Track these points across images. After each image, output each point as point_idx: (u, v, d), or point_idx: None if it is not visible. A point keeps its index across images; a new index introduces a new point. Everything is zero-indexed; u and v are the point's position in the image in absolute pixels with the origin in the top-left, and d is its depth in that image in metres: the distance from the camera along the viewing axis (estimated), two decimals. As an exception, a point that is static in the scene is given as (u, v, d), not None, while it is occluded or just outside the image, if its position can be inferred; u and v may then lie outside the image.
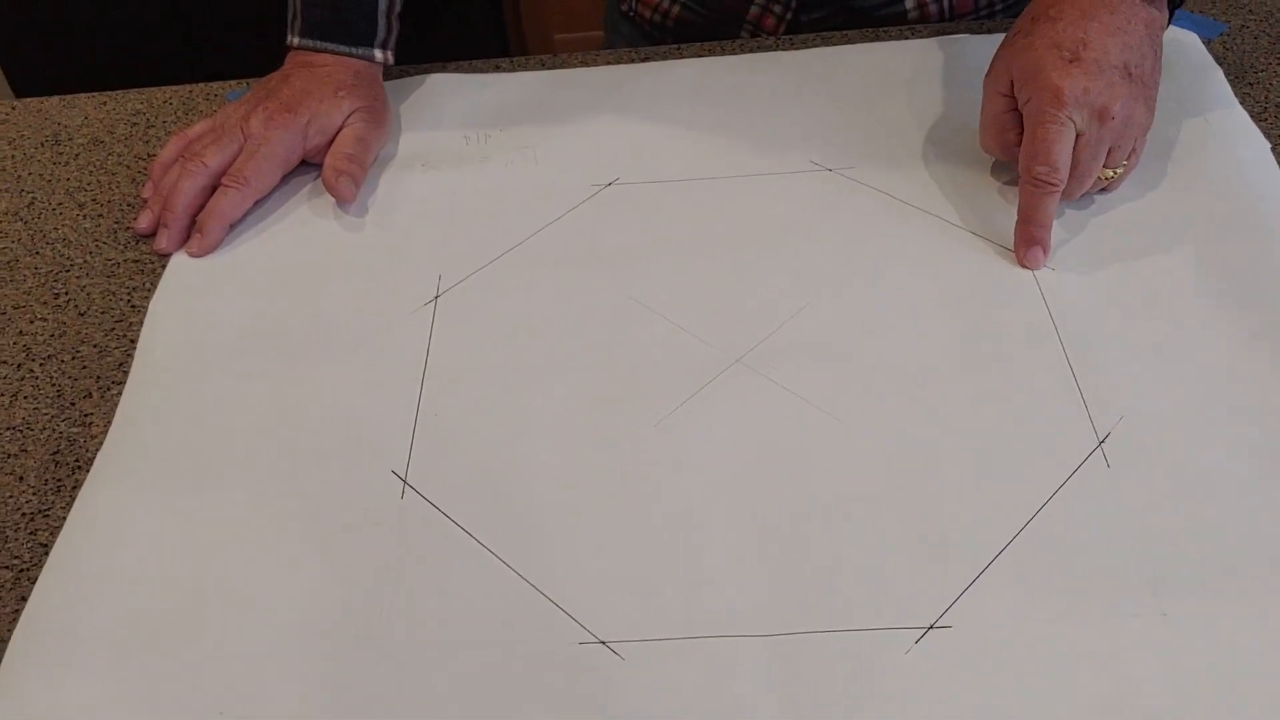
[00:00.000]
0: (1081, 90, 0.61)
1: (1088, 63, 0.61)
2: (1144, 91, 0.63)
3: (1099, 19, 0.63)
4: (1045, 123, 0.61)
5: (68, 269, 0.70)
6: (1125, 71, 0.62)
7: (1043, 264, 0.62)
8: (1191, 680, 0.46)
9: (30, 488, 0.58)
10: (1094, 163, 0.62)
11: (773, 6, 0.85)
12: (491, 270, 0.66)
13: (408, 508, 0.55)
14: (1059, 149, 0.61)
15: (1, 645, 0.51)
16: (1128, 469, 0.53)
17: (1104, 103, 0.61)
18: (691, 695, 0.47)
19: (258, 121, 0.71)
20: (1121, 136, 0.62)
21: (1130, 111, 0.62)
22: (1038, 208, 0.62)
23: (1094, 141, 0.62)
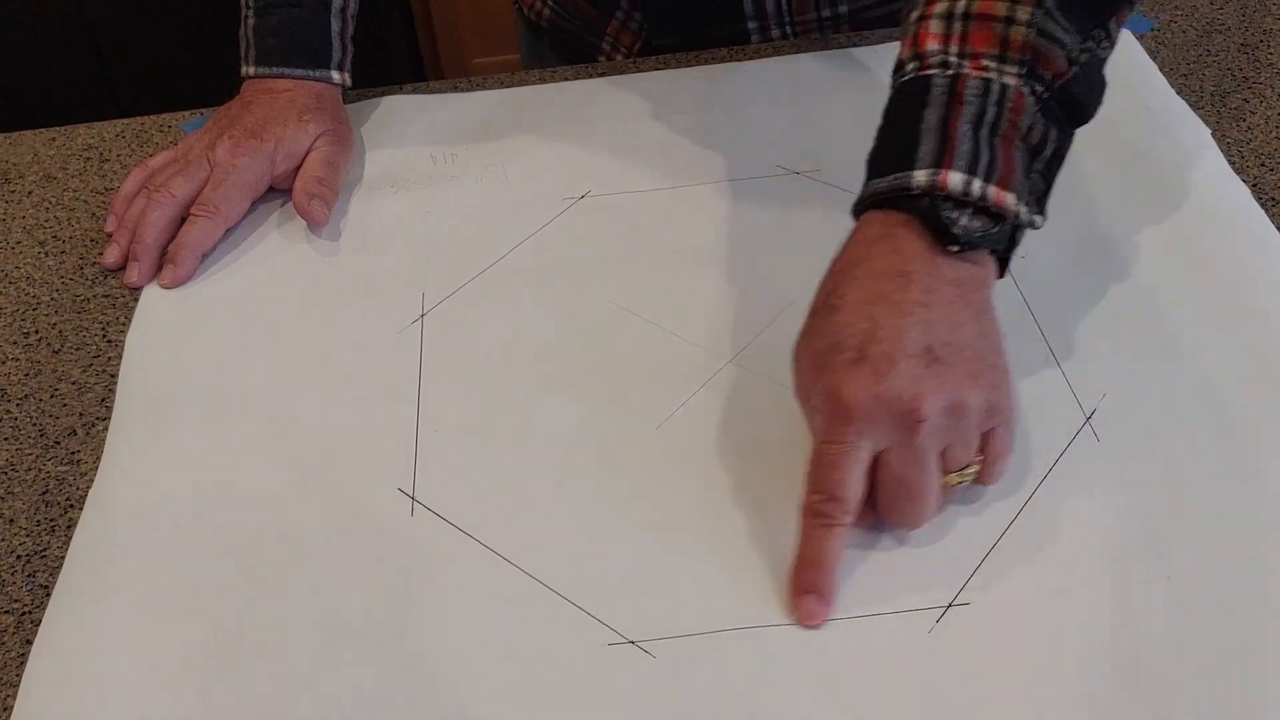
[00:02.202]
0: (871, 398, 0.48)
1: (876, 359, 0.48)
2: (968, 369, 0.49)
3: (887, 299, 0.50)
4: (823, 443, 0.49)
5: (34, 307, 0.68)
6: (929, 357, 0.48)
7: (820, 619, 0.49)
8: (1199, 638, 0.48)
9: (22, 529, 0.56)
10: (921, 478, 0.49)
11: (629, 24, 0.87)
12: (475, 286, 0.66)
13: (418, 524, 0.55)
14: (839, 476, 0.48)
15: (10, 690, 0.50)
16: (1117, 442, 0.55)
17: (907, 404, 0.48)
18: (728, 687, 0.48)
19: (224, 150, 0.71)
20: (954, 433, 0.49)
21: (953, 401, 0.48)
22: (814, 547, 0.49)
23: (910, 455, 0.49)
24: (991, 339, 0.51)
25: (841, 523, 0.49)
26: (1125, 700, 0.46)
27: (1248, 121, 0.73)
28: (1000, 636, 0.48)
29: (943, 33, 0.53)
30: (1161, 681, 0.46)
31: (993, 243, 0.51)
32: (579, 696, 0.48)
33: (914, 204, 0.51)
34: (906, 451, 0.49)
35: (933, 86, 0.52)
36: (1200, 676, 0.47)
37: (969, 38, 0.52)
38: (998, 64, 0.52)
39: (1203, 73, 0.77)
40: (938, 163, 0.50)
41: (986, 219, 0.51)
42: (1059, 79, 0.52)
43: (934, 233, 0.50)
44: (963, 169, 0.50)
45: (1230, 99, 0.75)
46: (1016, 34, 0.52)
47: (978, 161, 0.50)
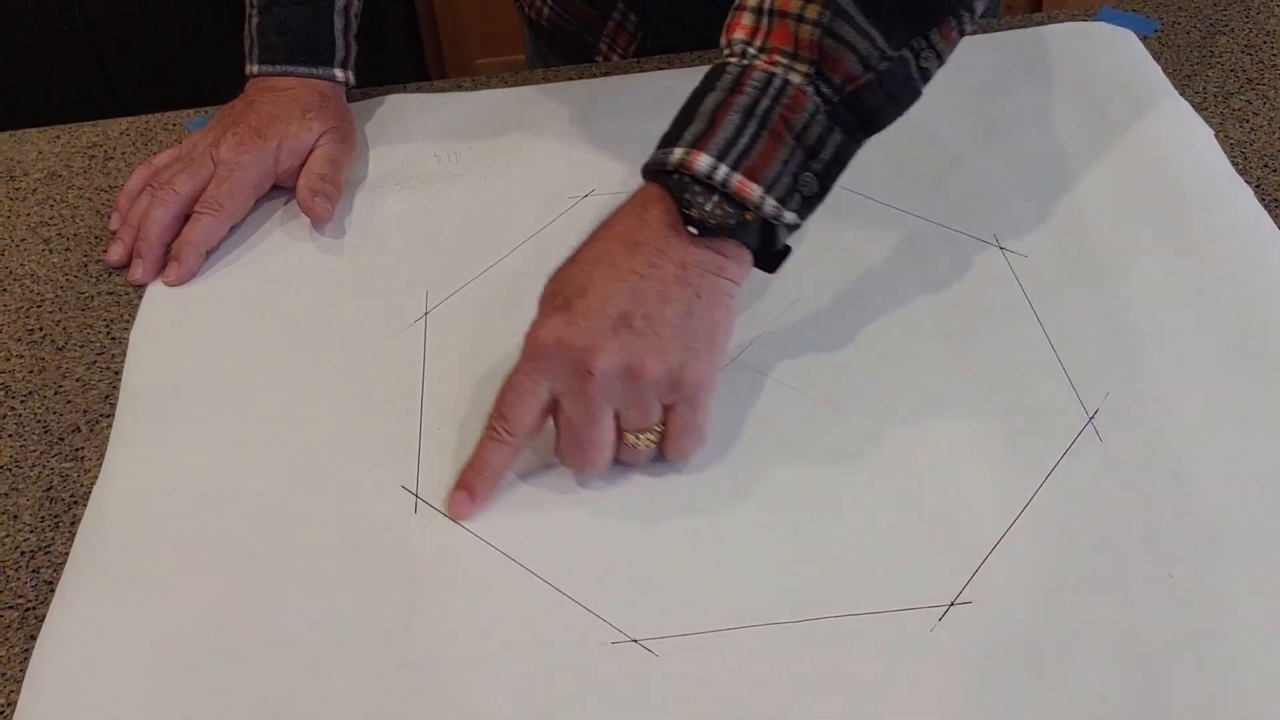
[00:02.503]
0: (554, 341, 0.52)
1: (575, 310, 0.52)
2: (657, 343, 0.51)
3: (610, 263, 0.53)
4: (514, 369, 0.54)
5: (39, 304, 0.68)
6: (623, 321, 0.51)
7: (465, 513, 0.54)
8: (1201, 636, 0.48)
9: (26, 525, 0.56)
10: (589, 428, 0.52)
11: (625, 24, 0.87)
12: (479, 284, 0.67)
13: (422, 521, 0.55)
14: (511, 400, 0.53)
15: (14, 685, 0.50)
16: (1120, 441, 0.55)
17: (582, 357, 0.51)
18: (730, 686, 0.48)
19: (228, 147, 0.71)
20: (628, 397, 0.52)
21: (629, 366, 0.51)
22: (480, 454, 0.54)
23: (578, 401, 0.52)
24: (701, 322, 0.53)
25: (505, 440, 0.53)
26: (1127, 699, 0.46)
27: (1251, 123, 0.73)
28: (1002, 635, 0.48)
29: (751, 25, 0.54)
30: (1163, 680, 0.46)
31: (735, 233, 0.52)
32: (581, 694, 0.48)
33: (666, 180, 0.53)
34: (578, 399, 0.52)
35: (724, 73, 0.54)
36: (1202, 675, 0.47)
37: (771, 33, 0.53)
38: (789, 60, 0.52)
39: (1206, 74, 0.77)
40: (694, 144, 0.52)
41: (730, 207, 0.52)
42: (850, 83, 0.52)
43: (678, 212, 0.52)
44: (714, 154, 0.51)
45: (1233, 100, 0.75)
46: (804, 32, 0.52)
47: (731, 149, 0.51)
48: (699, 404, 0.53)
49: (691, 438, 0.54)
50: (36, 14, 1.71)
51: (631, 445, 0.54)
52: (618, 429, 0.53)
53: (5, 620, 0.52)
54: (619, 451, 0.54)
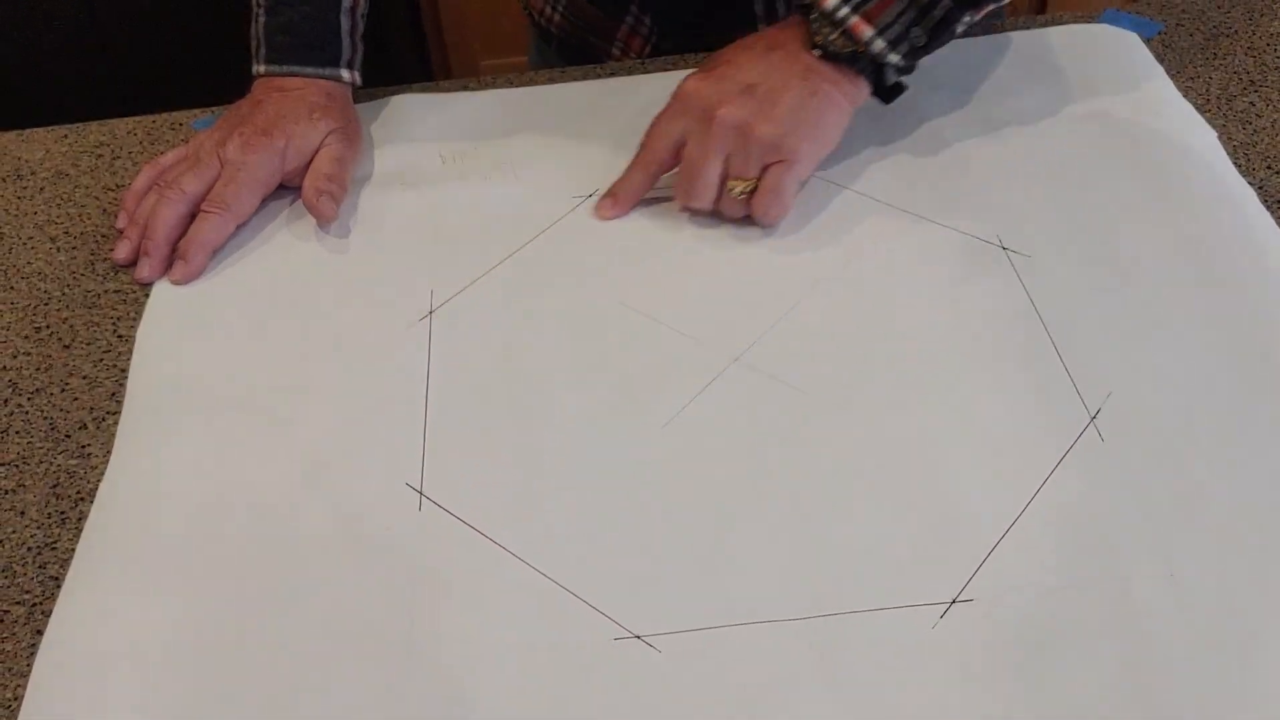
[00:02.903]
0: (693, 90, 0.66)
1: (715, 75, 0.66)
2: (770, 112, 0.64)
3: (754, 50, 0.67)
4: (660, 114, 0.68)
5: (45, 302, 0.69)
6: (749, 88, 0.65)
7: (609, 216, 0.69)
8: (1202, 636, 0.48)
9: (33, 521, 0.57)
10: (703, 162, 0.65)
11: (639, 28, 0.88)
12: (484, 283, 0.67)
13: (426, 519, 0.55)
14: (655, 134, 0.68)
15: (21, 680, 0.50)
16: (1121, 442, 0.55)
17: (711, 105, 0.65)
18: (732, 682, 0.48)
19: (234, 147, 0.71)
20: (737, 145, 0.65)
21: (744, 120, 0.64)
22: (628, 173, 0.69)
23: (699, 140, 0.65)
24: (811, 113, 0.66)
25: (644, 164, 0.69)
26: (1127, 697, 0.46)
27: (1254, 125, 0.73)
28: (1004, 633, 0.49)
29: None
30: (1163, 679, 0.47)
31: (849, 61, 0.66)
32: (585, 690, 0.48)
33: (805, 12, 0.67)
34: (700, 139, 0.66)
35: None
36: (1202, 674, 0.47)
37: None
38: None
39: (1209, 76, 0.78)
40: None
41: (845, 40, 0.65)
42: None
43: (809, 36, 0.66)
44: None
45: (1237, 102, 0.75)
46: None
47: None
48: (789, 172, 0.65)
49: (776, 199, 0.66)
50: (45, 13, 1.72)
51: (730, 187, 0.66)
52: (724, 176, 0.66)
53: (12, 616, 0.53)
54: (719, 198, 0.67)
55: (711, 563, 0.52)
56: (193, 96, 0.85)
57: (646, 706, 0.47)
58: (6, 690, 0.50)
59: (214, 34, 1.74)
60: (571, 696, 0.48)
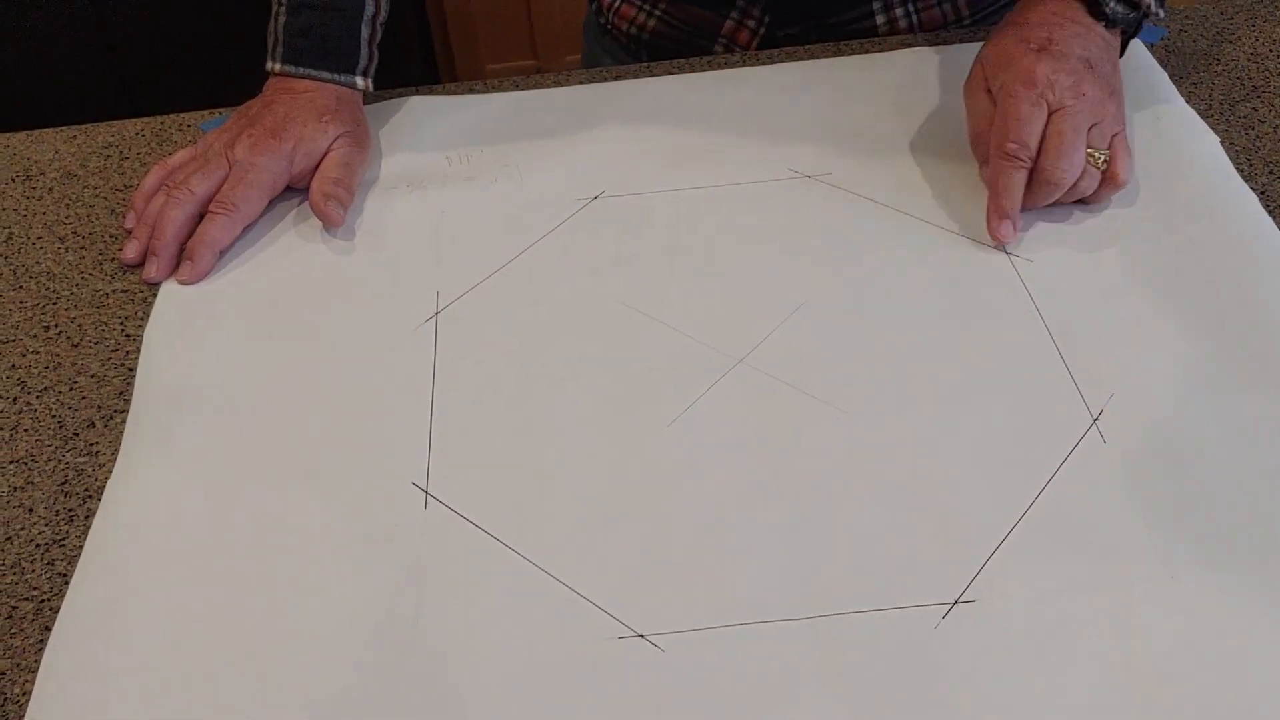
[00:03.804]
0: (1050, 70, 0.66)
1: (1054, 53, 0.67)
2: (1109, 87, 0.68)
3: (1062, 25, 0.69)
4: (1016, 102, 0.66)
5: (54, 301, 0.69)
6: (1088, 64, 0.67)
7: (1012, 239, 0.66)
8: (1203, 638, 0.48)
9: (41, 519, 0.57)
10: (1076, 135, 0.65)
11: (747, 21, 0.87)
12: (489, 285, 0.67)
13: (431, 518, 0.55)
14: (1027, 127, 0.65)
15: (29, 675, 0.51)
16: (1123, 443, 0.56)
17: (1074, 81, 0.66)
18: (735, 681, 0.48)
19: (243, 148, 0.72)
20: (1098, 115, 0.66)
21: (1100, 94, 0.67)
22: (1006, 183, 0.66)
23: (1072, 114, 0.65)
24: (1119, 82, 0.70)
25: (1025, 163, 0.66)
26: (1129, 698, 0.47)
27: (1256, 130, 0.74)
28: (1004, 634, 0.49)
29: None
30: (1165, 680, 0.47)
31: (1127, 24, 0.71)
32: (588, 689, 0.48)
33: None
34: (1070, 117, 0.66)
35: None
36: (1204, 675, 0.47)
37: None
38: None
39: (1212, 81, 0.78)
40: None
41: (1127, 7, 0.70)
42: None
43: (1092, 10, 0.70)
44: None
45: (1239, 107, 0.75)
46: None
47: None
48: (1125, 140, 0.68)
49: (1129, 168, 0.68)
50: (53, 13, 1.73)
51: (1092, 158, 0.66)
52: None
53: (21, 611, 0.53)
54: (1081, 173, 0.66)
55: (715, 562, 0.52)
56: (197, 98, 0.86)
57: (650, 705, 0.48)
58: (15, 685, 0.50)
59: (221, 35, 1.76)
60: (575, 694, 0.48)
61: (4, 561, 0.55)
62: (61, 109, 1.74)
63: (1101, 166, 0.66)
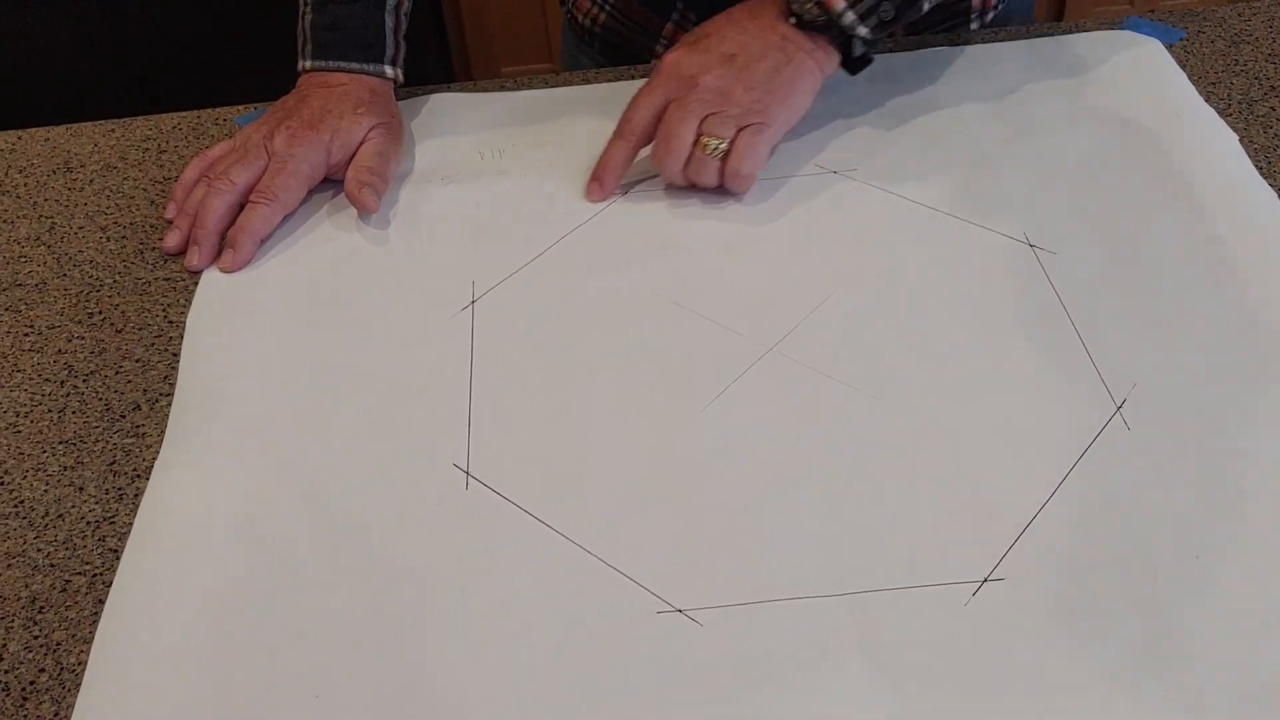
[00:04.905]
0: (675, 61, 0.71)
1: (697, 46, 0.71)
2: (748, 79, 0.69)
3: (734, 22, 0.72)
4: (643, 88, 0.72)
5: (98, 289, 0.71)
6: (729, 57, 0.70)
7: (598, 197, 0.73)
8: (1227, 616, 0.50)
9: (92, 497, 0.59)
10: (679, 125, 0.69)
11: (685, 24, 0.89)
12: (524, 274, 0.69)
13: (472, 498, 0.57)
14: (636, 104, 0.71)
15: (84, 645, 0.52)
16: (1147, 430, 0.57)
17: (694, 73, 0.70)
18: (771, 655, 0.50)
19: (281, 140, 0.73)
20: (715, 108, 0.69)
21: (724, 87, 0.69)
22: (608, 151, 0.73)
23: (681, 104, 0.69)
24: (785, 80, 0.70)
25: (625, 137, 0.72)
26: (1154, 674, 0.48)
27: (1275, 129, 0.75)
28: (1034, 610, 0.50)
29: None
30: (1192, 658, 0.48)
31: (823, 30, 0.71)
32: (629, 663, 0.50)
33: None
34: (679, 104, 0.69)
35: None
36: (1228, 652, 0.48)
37: None
38: None
39: (1231, 81, 0.79)
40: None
41: (819, 10, 0.70)
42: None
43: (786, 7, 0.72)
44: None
45: (1258, 106, 0.77)
46: None
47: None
48: (761, 134, 0.69)
49: (749, 156, 0.69)
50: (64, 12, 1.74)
51: (703, 144, 0.68)
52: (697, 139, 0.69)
53: (75, 585, 0.55)
54: (690, 159, 0.69)
55: (751, 541, 0.54)
56: (209, 95, 0.88)
57: (689, 678, 0.49)
58: (71, 655, 0.52)
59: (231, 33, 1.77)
60: (617, 668, 0.50)
61: (57, 538, 0.57)
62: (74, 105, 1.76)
63: (714, 155, 0.69)
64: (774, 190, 0.73)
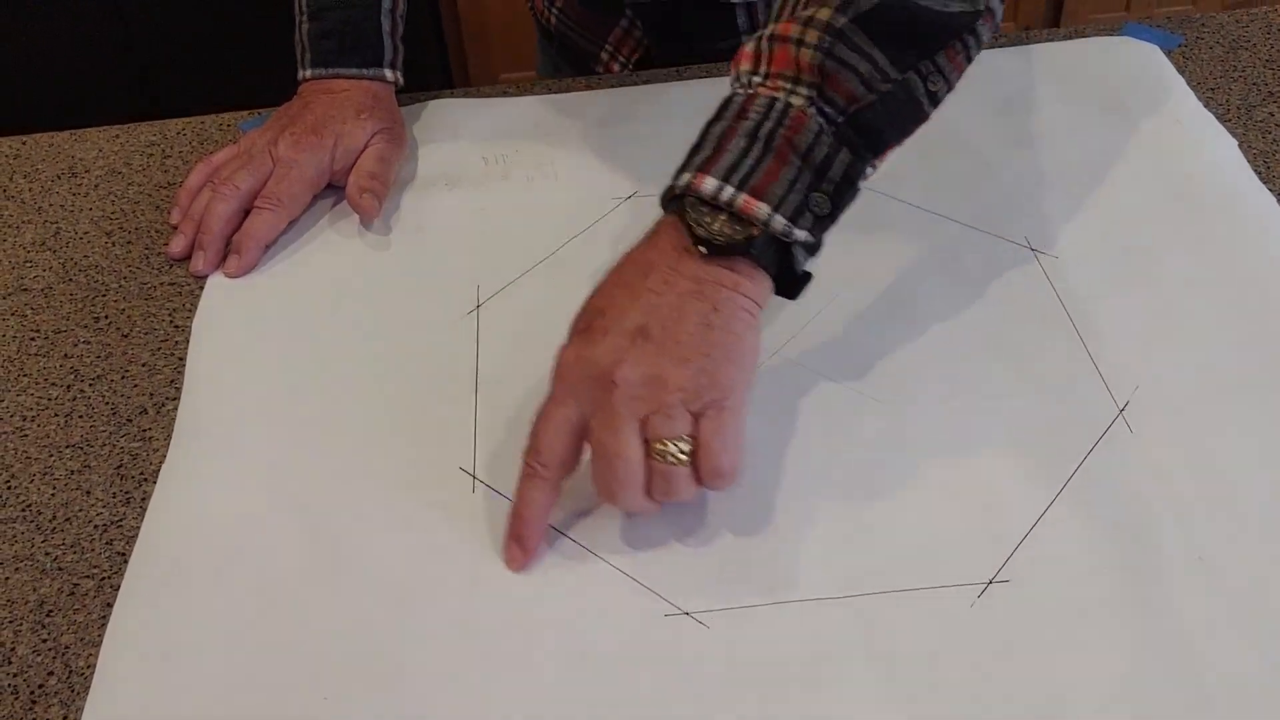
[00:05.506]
0: (574, 359, 0.53)
1: (594, 331, 0.53)
2: (675, 351, 0.51)
3: (626, 285, 0.54)
4: (542, 404, 0.54)
5: (103, 294, 0.71)
6: (641, 334, 0.52)
7: (519, 565, 0.53)
8: (1230, 616, 0.50)
9: (99, 500, 0.59)
10: (615, 441, 0.51)
11: (633, 31, 0.90)
12: (528, 279, 0.69)
13: (479, 501, 0.57)
14: (541, 429, 0.53)
15: (93, 648, 0.52)
16: (1149, 432, 0.58)
17: (604, 368, 0.51)
18: (777, 657, 0.50)
19: (286, 145, 0.74)
20: (653, 404, 0.51)
21: (652, 373, 0.51)
22: (522, 498, 0.54)
23: (605, 418, 0.51)
24: (720, 333, 0.52)
25: (541, 475, 0.53)
26: (1158, 676, 0.48)
27: (1274, 134, 0.76)
28: (1038, 612, 0.51)
29: (754, 53, 0.56)
30: (1194, 659, 0.49)
31: (743, 250, 0.52)
32: (636, 665, 0.50)
33: (676, 205, 0.54)
34: (603, 414, 0.52)
35: (731, 103, 0.55)
36: (1232, 654, 0.49)
37: (773, 59, 0.55)
38: (791, 84, 0.54)
39: (1229, 87, 0.80)
40: (701, 167, 0.53)
41: (738, 225, 0.52)
42: (853, 103, 0.53)
43: (687, 234, 0.53)
44: (719, 175, 0.52)
45: (1256, 112, 0.77)
46: (805, 56, 0.53)
47: (736, 170, 0.52)
48: (727, 410, 0.52)
49: (725, 447, 0.51)
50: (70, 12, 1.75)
51: (659, 455, 0.51)
52: (646, 447, 0.51)
53: (83, 589, 0.55)
54: (650, 478, 0.52)
55: (757, 543, 0.54)
56: (214, 96, 0.88)
57: (697, 679, 0.49)
58: (80, 658, 0.52)
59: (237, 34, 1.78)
60: (624, 670, 0.50)
61: (64, 541, 0.57)
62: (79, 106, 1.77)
63: (676, 461, 0.51)
64: (777, 195, 0.74)
